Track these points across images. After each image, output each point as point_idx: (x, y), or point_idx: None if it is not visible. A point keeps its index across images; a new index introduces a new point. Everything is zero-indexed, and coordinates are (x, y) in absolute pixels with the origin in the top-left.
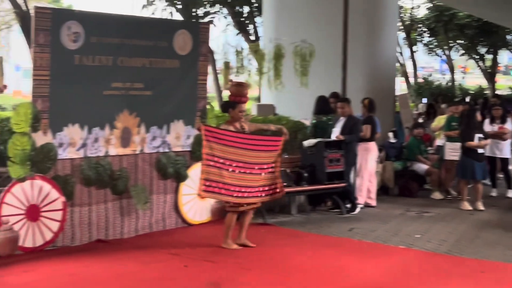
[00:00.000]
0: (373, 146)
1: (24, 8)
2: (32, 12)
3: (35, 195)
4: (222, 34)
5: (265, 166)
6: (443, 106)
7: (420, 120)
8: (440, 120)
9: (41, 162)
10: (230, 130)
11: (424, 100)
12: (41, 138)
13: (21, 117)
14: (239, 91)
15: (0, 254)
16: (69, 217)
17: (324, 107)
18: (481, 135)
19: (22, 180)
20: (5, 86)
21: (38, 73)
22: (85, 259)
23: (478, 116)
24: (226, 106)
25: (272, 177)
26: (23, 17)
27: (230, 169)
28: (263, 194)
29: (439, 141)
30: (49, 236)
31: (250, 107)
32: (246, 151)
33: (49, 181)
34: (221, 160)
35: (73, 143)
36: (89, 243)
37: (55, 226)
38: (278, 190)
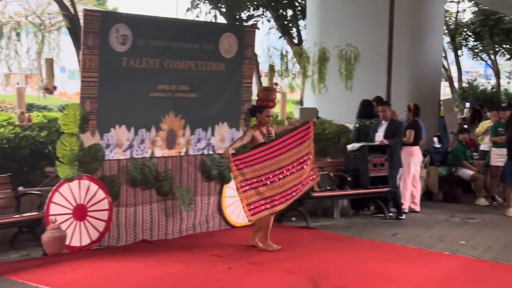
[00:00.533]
0: (416, 151)
1: (71, 10)
2: (80, 15)
3: (82, 195)
4: (265, 37)
5: (305, 158)
6: (488, 113)
7: (465, 126)
8: (484, 125)
9: (89, 162)
10: (258, 145)
11: (468, 105)
12: (89, 139)
13: (69, 118)
14: (266, 96)
15: (48, 253)
16: (115, 217)
17: (368, 111)
18: None
19: (70, 180)
20: (54, 88)
21: (87, 75)
22: (130, 259)
23: None
24: (254, 111)
25: (310, 163)
26: (70, 19)
27: (269, 182)
28: (307, 183)
29: (482, 146)
30: (95, 235)
31: (293, 110)
32: (279, 156)
33: (96, 181)
34: (255, 180)
35: (120, 144)
36: (134, 243)
37: (101, 226)
38: (314, 176)
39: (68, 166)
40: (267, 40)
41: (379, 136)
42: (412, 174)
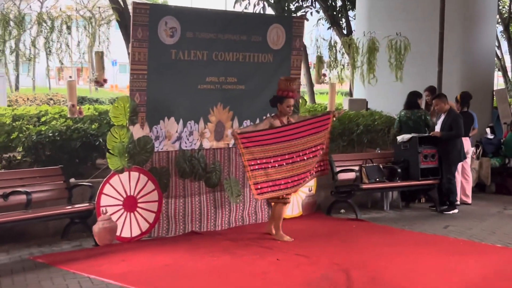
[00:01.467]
0: (465, 142)
1: (121, 4)
2: (130, 8)
3: (132, 187)
4: (313, 28)
5: (319, 147)
6: None
7: None
8: None
9: (138, 154)
10: (270, 128)
11: None
12: (138, 131)
13: (119, 111)
14: (287, 86)
15: (99, 244)
16: (164, 208)
17: (411, 101)
18: None
19: (120, 171)
20: (105, 80)
21: (136, 68)
22: (179, 250)
23: None
24: (274, 101)
25: (323, 154)
26: (120, 13)
27: (277, 165)
28: (314, 173)
29: None
30: (145, 227)
31: (342, 102)
32: (291, 141)
33: (146, 173)
34: (264, 160)
35: (168, 136)
36: (184, 234)
37: (151, 217)
38: (323, 167)
39: (118, 158)
40: (316, 31)
41: (437, 129)
42: (463, 166)
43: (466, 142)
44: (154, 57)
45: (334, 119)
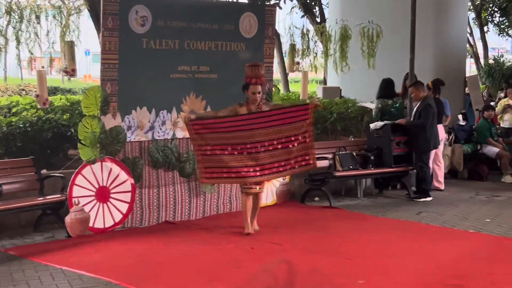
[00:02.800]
0: (440, 129)
1: None
2: None
3: (105, 177)
4: (287, 16)
5: (293, 139)
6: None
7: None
8: (502, 104)
9: (111, 144)
10: (225, 116)
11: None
12: (110, 121)
13: (91, 101)
14: (251, 72)
15: (71, 235)
16: (138, 198)
17: (388, 90)
18: None
19: (92, 162)
20: (74, 70)
21: (107, 57)
22: (153, 240)
23: None
24: (243, 88)
25: (302, 147)
26: (92, 1)
27: (236, 153)
28: (288, 168)
29: (502, 124)
30: (118, 217)
31: (316, 90)
32: (257, 130)
33: (118, 163)
34: (219, 147)
35: (141, 126)
36: (157, 224)
37: (124, 207)
38: (310, 161)
39: (90, 149)
40: (289, 19)
41: (412, 117)
42: (435, 152)
43: (440, 129)
44: (125, 46)
45: (318, 108)
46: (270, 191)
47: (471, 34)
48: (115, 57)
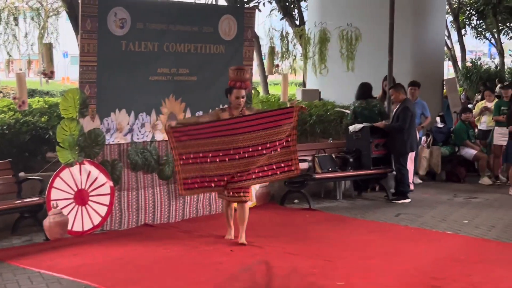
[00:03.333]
0: None
1: None
2: None
3: (84, 180)
4: (267, 19)
5: (277, 143)
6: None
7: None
8: (479, 106)
9: (89, 147)
10: (206, 122)
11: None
12: (89, 124)
13: (69, 103)
14: (236, 76)
15: (49, 238)
16: (117, 201)
17: (365, 93)
18: None
19: (70, 165)
20: (52, 72)
21: (86, 59)
22: (132, 243)
23: None
24: (226, 92)
25: (286, 152)
26: (70, 3)
27: (218, 160)
28: (269, 173)
29: (480, 126)
30: (97, 220)
31: (295, 92)
32: (239, 135)
33: (97, 165)
34: (201, 155)
35: (120, 128)
36: (137, 227)
37: (103, 210)
38: (292, 167)
39: (68, 151)
40: (268, 21)
41: (391, 119)
42: None
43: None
44: (104, 48)
45: (302, 111)
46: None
47: (449, 37)
48: (94, 59)
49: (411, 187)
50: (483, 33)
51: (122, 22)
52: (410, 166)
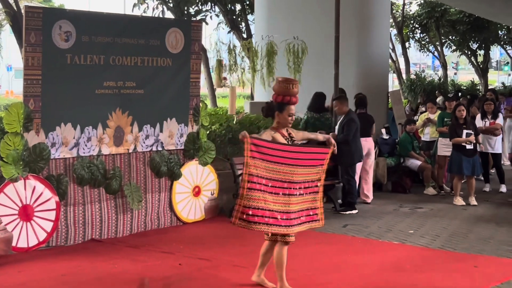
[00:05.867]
0: (368, 142)
1: (14, 7)
2: (23, 11)
3: (28, 195)
4: (214, 32)
5: (308, 185)
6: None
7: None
8: (422, 118)
9: (34, 162)
10: (278, 142)
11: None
12: (33, 138)
13: (13, 117)
14: (287, 90)
15: None
16: (63, 216)
17: (319, 104)
18: (469, 131)
19: (15, 180)
20: None
21: (30, 73)
22: (79, 258)
23: (475, 111)
24: (271, 109)
25: (313, 198)
26: (14, 16)
27: (274, 192)
28: (303, 221)
29: (423, 137)
30: (42, 236)
31: (243, 105)
32: (294, 167)
33: (42, 180)
34: (264, 181)
35: (65, 142)
36: (83, 242)
37: (48, 226)
38: (318, 217)
39: (12, 166)
40: (216, 35)
41: (336, 130)
42: (360, 166)
43: (368, 142)
44: (48, 62)
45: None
46: (198, 207)
47: (393, 50)
48: (38, 73)
49: (368, 199)
50: (427, 46)
51: (67, 35)
52: (366, 177)
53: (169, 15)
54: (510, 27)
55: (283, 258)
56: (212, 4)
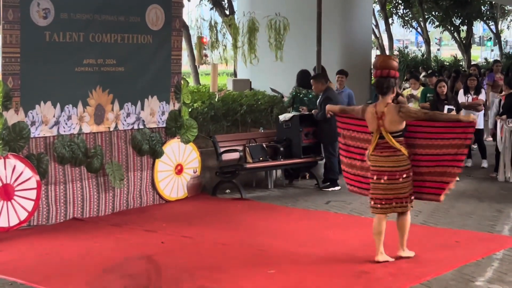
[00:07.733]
0: None
1: None
2: None
3: (9, 175)
4: (196, 8)
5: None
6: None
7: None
8: (404, 94)
9: (14, 140)
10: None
11: None
12: (13, 117)
13: None
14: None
15: None
16: (44, 195)
17: (306, 81)
18: (451, 107)
19: None
20: None
21: (8, 51)
22: (61, 237)
23: (460, 87)
24: (390, 86)
25: (443, 172)
26: None
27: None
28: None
29: None
30: (23, 215)
31: (226, 82)
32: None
33: (23, 159)
34: (356, 150)
35: (45, 121)
36: (65, 221)
37: (29, 205)
38: (441, 191)
39: None
40: (198, 11)
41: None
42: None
43: None
44: (26, 39)
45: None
46: (181, 185)
47: (377, 26)
48: (17, 51)
49: None
50: (410, 22)
51: (45, 12)
52: None
53: None
54: (493, 2)
55: (405, 225)
56: None
